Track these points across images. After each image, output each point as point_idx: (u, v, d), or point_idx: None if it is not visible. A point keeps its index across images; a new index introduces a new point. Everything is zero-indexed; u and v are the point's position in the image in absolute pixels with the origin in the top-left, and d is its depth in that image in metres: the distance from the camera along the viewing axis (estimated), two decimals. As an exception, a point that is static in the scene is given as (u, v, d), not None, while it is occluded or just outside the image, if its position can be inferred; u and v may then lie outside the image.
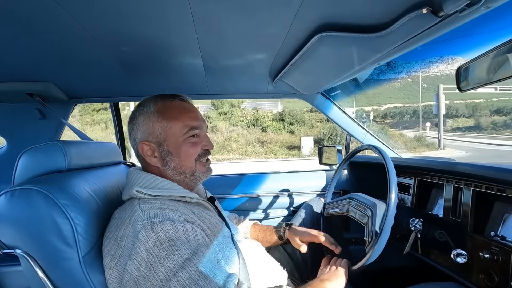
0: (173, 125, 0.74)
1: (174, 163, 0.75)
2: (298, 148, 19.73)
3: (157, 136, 0.74)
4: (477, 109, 61.59)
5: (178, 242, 0.57)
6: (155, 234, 0.57)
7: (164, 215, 0.61)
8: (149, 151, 0.75)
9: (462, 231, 0.89)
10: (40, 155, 0.70)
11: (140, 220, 0.60)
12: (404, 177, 1.20)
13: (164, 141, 0.74)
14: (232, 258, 0.69)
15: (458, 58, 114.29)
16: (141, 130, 0.75)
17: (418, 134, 25.40)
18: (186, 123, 0.75)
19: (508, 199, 0.80)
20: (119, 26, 0.68)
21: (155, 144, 0.74)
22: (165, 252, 0.56)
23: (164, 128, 0.74)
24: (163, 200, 0.68)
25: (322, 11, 0.64)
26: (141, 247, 0.56)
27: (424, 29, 0.65)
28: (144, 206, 0.64)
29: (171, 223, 0.60)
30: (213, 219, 0.74)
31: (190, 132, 0.75)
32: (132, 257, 0.57)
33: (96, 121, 22.65)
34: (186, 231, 0.60)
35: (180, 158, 0.75)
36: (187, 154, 0.75)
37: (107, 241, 0.65)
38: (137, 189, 0.69)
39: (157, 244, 0.56)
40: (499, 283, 0.76)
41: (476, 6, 0.52)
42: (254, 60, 0.98)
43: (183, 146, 0.75)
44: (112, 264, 0.61)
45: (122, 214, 0.67)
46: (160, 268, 0.54)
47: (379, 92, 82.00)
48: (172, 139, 0.74)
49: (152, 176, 0.73)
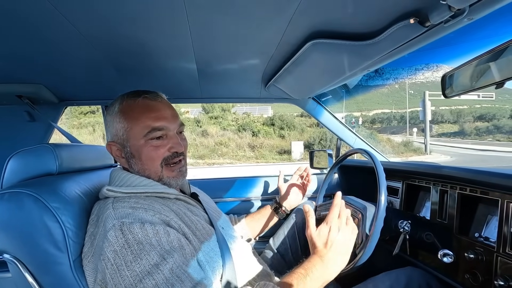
0: (133, 125, 0.70)
1: (137, 167, 0.72)
2: (288, 153, 19.80)
3: (120, 137, 0.72)
4: (461, 115, 63.50)
5: (147, 246, 0.55)
6: (124, 235, 0.55)
7: (135, 216, 0.59)
8: (117, 151, 0.73)
9: (448, 233, 0.91)
10: (30, 158, 0.69)
11: (111, 219, 0.58)
12: (393, 181, 1.23)
13: (126, 143, 0.71)
14: (214, 257, 0.66)
15: (443, 65, 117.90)
16: (109, 130, 0.74)
17: (405, 139, 25.91)
18: (146, 124, 0.70)
19: (490, 202, 0.83)
20: (113, 29, 0.68)
21: (120, 145, 0.73)
22: (132, 256, 0.54)
23: (126, 129, 0.71)
24: (137, 198, 0.65)
25: (315, 19, 0.66)
26: (109, 248, 0.55)
27: (411, 38, 0.68)
28: (117, 204, 0.62)
29: (140, 225, 0.57)
30: (194, 216, 0.71)
31: (151, 133, 0.70)
32: (101, 257, 0.55)
33: (83, 124, 22.16)
34: (157, 233, 0.58)
35: (142, 161, 0.71)
36: (149, 157, 0.71)
37: (86, 238, 0.64)
38: (108, 187, 0.67)
39: (125, 247, 0.54)
40: (483, 282, 0.79)
41: (460, 18, 0.55)
42: (248, 65, 0.99)
43: (144, 149, 0.70)
44: (85, 262, 0.60)
45: (98, 211, 0.65)
46: (126, 271, 0.52)
47: (367, 98, 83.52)
48: (133, 141, 0.71)
49: (128, 174, 0.72)
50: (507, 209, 0.76)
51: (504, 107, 73.13)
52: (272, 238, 1.17)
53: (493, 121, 54.81)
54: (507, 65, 0.63)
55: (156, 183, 0.71)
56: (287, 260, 1.10)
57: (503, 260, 0.75)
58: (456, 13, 0.53)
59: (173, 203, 0.70)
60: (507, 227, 0.75)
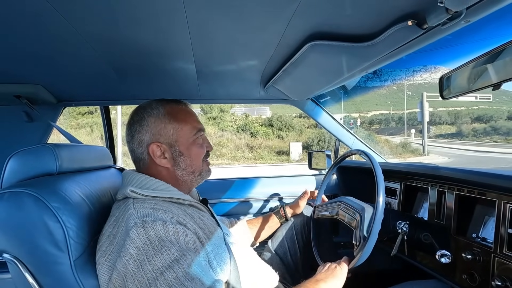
0: (184, 126, 0.78)
1: (185, 163, 0.78)
2: (287, 154, 19.83)
3: (169, 137, 0.76)
4: (459, 116, 63.80)
5: (167, 242, 0.58)
6: (146, 232, 0.58)
7: (156, 215, 0.62)
8: (158, 152, 0.76)
9: (446, 233, 0.92)
10: (30, 158, 0.68)
11: (133, 218, 0.60)
12: (391, 182, 1.24)
13: (175, 142, 0.77)
14: (225, 259, 0.69)
15: (441, 67, 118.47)
16: (151, 132, 0.76)
17: (403, 141, 26.03)
18: (194, 125, 0.80)
19: (488, 202, 0.84)
20: (113, 30, 0.68)
21: (166, 145, 0.76)
22: (154, 251, 0.56)
23: (176, 129, 0.77)
24: (157, 201, 0.68)
25: (314, 21, 0.66)
26: (131, 245, 0.57)
27: (409, 40, 0.68)
28: (137, 205, 0.64)
29: (162, 223, 0.60)
30: (206, 220, 0.75)
31: (198, 134, 0.80)
32: (121, 254, 0.57)
33: (81, 125, 22.09)
34: (177, 232, 0.61)
35: (191, 158, 0.79)
36: (197, 154, 0.80)
37: (101, 237, 0.65)
38: (131, 188, 0.69)
39: (147, 243, 0.57)
40: (480, 283, 0.80)
41: (457, 20, 0.56)
42: (247, 66, 1.00)
43: (193, 146, 0.79)
44: (102, 260, 0.61)
45: (117, 212, 0.67)
46: (148, 266, 0.55)
47: (366, 99, 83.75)
48: (183, 140, 0.78)
49: (146, 177, 0.74)
50: (504, 210, 0.77)
51: (501, 108, 73.54)
52: (271, 240, 1.17)
53: (490, 122, 55.11)
54: (504, 67, 0.64)
55: (173, 189, 0.74)
56: (286, 263, 1.11)
57: (500, 260, 0.76)
58: (454, 15, 0.54)
59: (187, 208, 0.73)
60: (504, 227, 0.76)
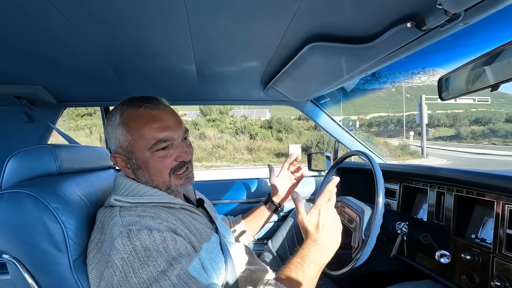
0: (137, 138, 0.68)
1: (145, 178, 0.71)
2: (286, 156, 19.76)
3: (124, 149, 0.70)
4: (457, 119, 64.02)
5: (154, 253, 0.55)
6: (131, 242, 0.55)
7: (142, 223, 0.59)
8: (122, 162, 0.72)
9: (445, 234, 0.92)
10: (30, 158, 0.69)
11: (118, 226, 0.58)
12: (390, 183, 1.24)
13: (132, 155, 0.70)
14: (219, 263, 0.68)
15: (439, 70, 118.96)
16: (111, 142, 0.72)
17: (402, 143, 26.08)
18: (151, 136, 0.68)
19: (487, 203, 0.84)
20: (113, 30, 0.68)
21: (125, 157, 0.71)
22: (140, 263, 0.54)
23: (130, 141, 0.69)
24: (144, 207, 0.65)
25: (314, 22, 0.67)
26: (117, 255, 0.54)
27: (408, 42, 0.69)
28: (124, 213, 0.62)
29: (148, 232, 0.57)
30: (199, 224, 0.72)
31: (157, 145, 0.69)
32: (109, 264, 0.55)
33: (80, 126, 22.07)
34: (164, 240, 0.58)
35: (150, 173, 0.70)
36: (156, 169, 0.70)
37: (90, 243, 0.64)
38: (115, 197, 0.66)
39: (133, 254, 0.54)
40: (479, 284, 0.80)
41: (455, 22, 0.56)
42: (247, 68, 1.00)
43: (151, 161, 0.69)
44: (89, 268, 0.60)
45: (103, 218, 0.65)
46: (133, 279, 0.52)
47: (365, 101, 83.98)
48: (139, 153, 0.69)
49: (133, 182, 0.71)
50: (502, 210, 0.77)
51: (500, 111, 73.88)
52: (271, 241, 1.17)
53: (488, 125, 55.33)
54: (502, 68, 0.65)
55: (162, 193, 0.71)
56: (286, 262, 1.11)
57: (499, 261, 0.76)
58: (452, 17, 0.55)
59: (178, 212, 0.70)
60: (503, 228, 0.76)
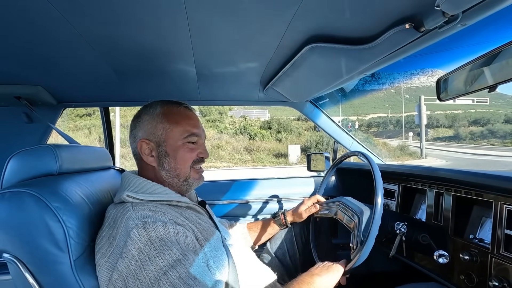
0: (175, 128, 0.77)
1: (170, 165, 0.77)
2: (285, 156, 19.85)
3: (158, 136, 0.76)
4: (456, 119, 64.17)
5: (169, 243, 0.59)
6: (147, 233, 0.58)
7: (156, 217, 0.63)
8: (147, 150, 0.76)
9: (444, 234, 0.93)
10: (31, 158, 0.69)
11: (133, 219, 0.61)
12: (389, 183, 1.24)
13: (163, 142, 0.77)
14: (223, 261, 0.69)
15: (438, 70, 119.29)
16: (144, 129, 0.77)
17: (401, 143, 26.13)
18: (186, 129, 0.78)
19: (485, 204, 0.85)
20: (114, 31, 0.69)
21: (154, 144, 0.77)
22: (156, 252, 0.57)
23: (166, 129, 0.77)
24: (155, 204, 0.69)
25: (313, 23, 0.67)
26: (133, 246, 0.57)
27: (407, 43, 0.70)
28: (136, 207, 0.65)
29: (162, 224, 0.61)
30: (204, 223, 0.75)
31: (189, 138, 0.78)
32: (123, 255, 0.57)
33: (79, 127, 22.01)
34: (177, 233, 0.62)
35: (177, 161, 0.77)
36: (183, 158, 0.78)
37: (99, 239, 0.65)
38: (127, 193, 0.70)
39: (149, 243, 0.57)
40: (478, 283, 0.80)
41: (453, 23, 0.57)
42: (246, 68, 1.01)
43: (181, 149, 0.77)
44: (102, 261, 0.61)
45: (114, 214, 0.67)
46: (150, 266, 0.55)
47: (364, 102, 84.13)
48: (172, 141, 0.77)
49: (143, 180, 0.75)
50: (500, 210, 0.78)
51: (498, 112, 74.09)
52: (269, 242, 1.17)
53: (487, 125, 55.44)
54: (500, 69, 0.65)
55: (171, 191, 0.75)
56: (285, 264, 1.11)
57: (497, 261, 0.76)
58: (450, 19, 0.55)
59: (184, 211, 0.74)
60: (501, 228, 0.77)
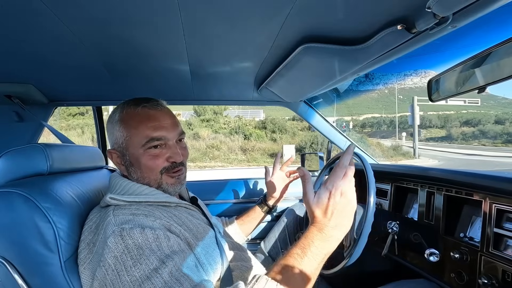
0: (132, 135, 0.71)
1: (137, 175, 0.73)
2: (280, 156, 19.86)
3: (119, 145, 0.73)
4: (448, 120, 65.14)
5: (147, 251, 0.56)
6: (124, 241, 0.56)
7: (135, 221, 0.60)
8: (117, 159, 0.74)
9: (435, 233, 0.94)
10: (21, 157, 0.68)
11: (111, 225, 0.59)
12: (382, 183, 1.26)
13: (126, 151, 0.72)
14: (216, 258, 0.68)
15: (431, 71, 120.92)
16: (110, 138, 0.75)
17: (394, 143, 26.41)
18: (145, 134, 0.70)
19: (475, 203, 0.86)
20: (106, 30, 0.68)
21: (120, 153, 0.74)
22: (132, 261, 0.54)
23: (125, 137, 0.72)
24: (138, 206, 0.66)
25: (307, 23, 0.68)
26: (109, 254, 0.55)
27: (399, 44, 0.70)
28: (117, 211, 0.63)
29: (140, 230, 0.58)
30: (196, 220, 0.74)
31: (150, 143, 0.71)
32: (101, 264, 0.55)
33: (71, 126, 21.74)
34: (157, 238, 0.58)
35: (142, 170, 0.72)
36: (147, 167, 0.72)
37: (80, 243, 0.64)
38: (111, 195, 0.67)
39: (125, 252, 0.55)
40: (468, 281, 0.82)
41: (444, 25, 0.58)
42: (240, 68, 1.01)
43: (143, 158, 0.71)
44: (81, 268, 0.60)
45: (97, 218, 0.66)
46: (126, 277, 0.53)
47: (358, 103, 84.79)
48: (132, 150, 0.72)
49: (129, 182, 0.72)
50: (490, 209, 0.79)
51: (489, 113, 75.45)
52: (263, 242, 1.17)
53: (478, 126, 56.41)
54: (490, 70, 0.66)
55: (158, 192, 0.72)
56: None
57: (487, 259, 0.78)
58: (441, 20, 0.56)
59: (174, 209, 0.72)
60: (490, 227, 0.78)
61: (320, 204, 0.61)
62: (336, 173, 0.63)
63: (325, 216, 0.60)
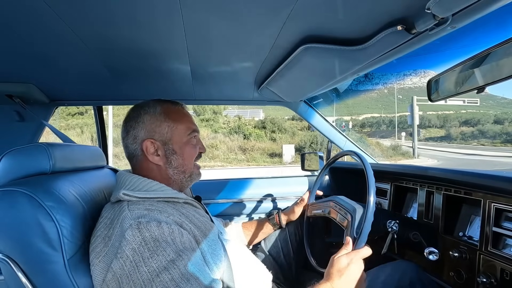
0: (179, 126, 0.79)
1: (177, 162, 0.79)
2: (279, 156, 19.89)
3: (163, 134, 0.78)
4: (448, 120, 65.23)
5: (163, 243, 0.58)
6: (141, 233, 0.58)
7: (151, 216, 0.62)
8: (152, 149, 0.76)
9: (434, 232, 0.95)
10: (24, 157, 0.68)
11: (128, 219, 0.61)
12: (382, 183, 1.26)
13: (169, 140, 0.78)
14: (220, 256, 0.70)
15: (430, 71, 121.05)
16: (146, 129, 0.77)
17: (394, 143, 26.44)
18: (188, 126, 0.81)
19: (474, 202, 0.87)
20: (108, 29, 0.68)
21: (160, 143, 0.77)
22: (149, 252, 0.57)
23: (171, 127, 0.78)
24: (151, 202, 0.69)
25: (307, 24, 0.68)
26: (127, 246, 0.57)
27: (399, 44, 0.71)
28: (132, 206, 0.65)
29: (157, 223, 0.61)
30: (202, 217, 0.75)
31: (192, 134, 0.81)
32: (118, 256, 0.57)
33: (71, 126, 21.69)
34: (172, 232, 0.61)
35: (184, 157, 0.80)
36: (189, 154, 0.81)
37: (94, 239, 0.64)
38: (124, 191, 0.69)
39: (143, 244, 0.57)
40: (467, 280, 0.83)
41: (443, 26, 0.58)
42: (241, 68, 1.01)
43: (187, 146, 0.80)
44: (96, 261, 0.61)
45: (111, 214, 0.67)
46: (144, 267, 0.55)
47: (357, 102, 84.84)
48: (177, 139, 0.79)
49: (139, 178, 0.74)
50: (489, 209, 0.80)
51: (488, 112, 75.59)
52: (264, 241, 1.18)
53: (477, 126, 56.50)
54: (490, 70, 0.67)
55: (167, 188, 0.75)
56: (279, 263, 1.12)
57: (485, 258, 0.78)
58: (440, 21, 0.57)
59: (182, 207, 0.73)
60: (489, 226, 0.79)
61: (339, 264, 0.71)
62: (361, 252, 0.74)
63: (339, 277, 0.69)
